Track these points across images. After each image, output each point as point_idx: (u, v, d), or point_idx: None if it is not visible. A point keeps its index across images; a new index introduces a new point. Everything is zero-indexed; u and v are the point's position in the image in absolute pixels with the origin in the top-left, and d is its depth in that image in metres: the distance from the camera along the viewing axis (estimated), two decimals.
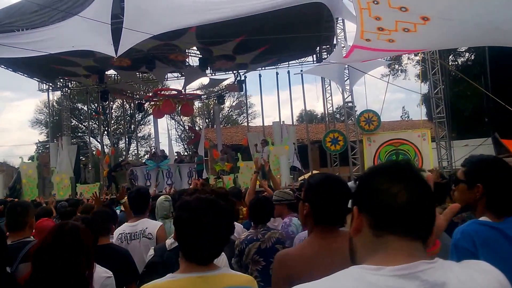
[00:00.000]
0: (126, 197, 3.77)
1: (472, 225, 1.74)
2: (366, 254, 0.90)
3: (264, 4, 9.03)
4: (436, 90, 12.85)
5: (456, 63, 19.20)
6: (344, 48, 11.62)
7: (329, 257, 1.57)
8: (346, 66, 11.54)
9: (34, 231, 3.42)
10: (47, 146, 18.56)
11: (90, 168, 15.84)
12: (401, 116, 32.20)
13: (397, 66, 22.08)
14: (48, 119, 20.75)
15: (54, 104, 21.73)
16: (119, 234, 3.21)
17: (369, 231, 0.90)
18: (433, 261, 0.87)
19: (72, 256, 1.54)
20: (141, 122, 29.84)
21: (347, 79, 12.59)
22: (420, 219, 0.89)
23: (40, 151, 27.00)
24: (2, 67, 14.18)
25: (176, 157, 13.96)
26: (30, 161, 15.69)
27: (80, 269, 1.55)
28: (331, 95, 15.51)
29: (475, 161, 1.85)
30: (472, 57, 18.41)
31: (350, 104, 13.69)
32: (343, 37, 12.62)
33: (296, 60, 15.79)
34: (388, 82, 16.36)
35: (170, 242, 2.31)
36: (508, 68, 10.84)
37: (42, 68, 14.45)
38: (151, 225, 3.20)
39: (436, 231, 0.95)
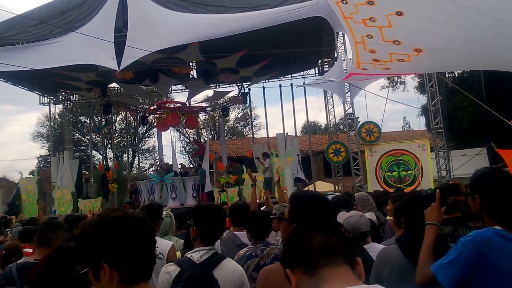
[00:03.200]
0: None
1: (486, 232, 1.67)
2: None
3: (265, 20, 9.12)
4: (433, 102, 13.08)
5: (453, 75, 19.55)
6: (344, 61, 11.87)
7: None
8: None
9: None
10: (49, 160, 18.36)
11: (92, 183, 15.63)
12: (402, 127, 32.55)
13: (396, 78, 22.41)
14: (49, 133, 20.49)
15: (56, 117, 21.39)
16: None
17: (306, 276, 1.00)
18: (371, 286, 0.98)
19: (68, 279, 1.50)
20: (145, 135, 29.50)
21: (347, 92, 12.80)
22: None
23: (41, 166, 26.56)
24: (1, 80, 13.90)
25: (181, 169, 13.83)
26: (30, 176, 15.49)
27: None
28: (333, 107, 15.77)
29: (475, 174, 1.90)
30: (468, 69, 18.77)
31: (351, 116, 13.91)
32: (343, 50, 12.87)
33: (299, 73, 15.92)
34: (386, 98, 16.78)
35: (197, 256, 2.17)
36: (502, 79, 11.10)
37: (42, 82, 14.21)
38: (162, 244, 2.92)
39: None
